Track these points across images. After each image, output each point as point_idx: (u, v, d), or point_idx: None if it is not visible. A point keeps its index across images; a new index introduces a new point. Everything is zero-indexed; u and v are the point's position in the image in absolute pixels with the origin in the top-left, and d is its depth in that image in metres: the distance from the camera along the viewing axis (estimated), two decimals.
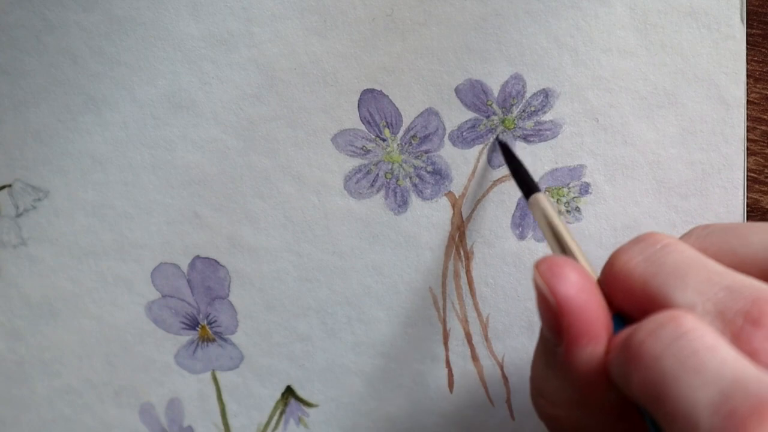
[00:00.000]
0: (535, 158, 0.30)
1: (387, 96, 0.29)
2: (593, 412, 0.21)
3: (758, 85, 0.30)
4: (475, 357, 0.31)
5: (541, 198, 0.26)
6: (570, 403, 0.22)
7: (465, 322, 0.31)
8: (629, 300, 0.21)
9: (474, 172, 0.30)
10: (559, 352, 0.21)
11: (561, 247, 0.24)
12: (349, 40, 0.29)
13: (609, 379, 0.20)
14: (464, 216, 0.30)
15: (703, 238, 0.23)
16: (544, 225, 0.25)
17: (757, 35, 0.29)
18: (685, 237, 0.23)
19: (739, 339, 0.19)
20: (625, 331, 0.20)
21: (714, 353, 0.18)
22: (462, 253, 0.30)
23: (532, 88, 0.29)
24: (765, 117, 0.30)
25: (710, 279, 0.20)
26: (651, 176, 0.30)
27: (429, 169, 0.30)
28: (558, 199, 0.30)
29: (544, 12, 0.29)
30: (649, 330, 0.19)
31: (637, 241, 0.22)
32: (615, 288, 0.21)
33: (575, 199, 0.30)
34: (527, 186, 0.27)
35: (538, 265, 0.21)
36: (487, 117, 0.29)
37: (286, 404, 0.32)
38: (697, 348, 0.18)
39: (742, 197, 0.30)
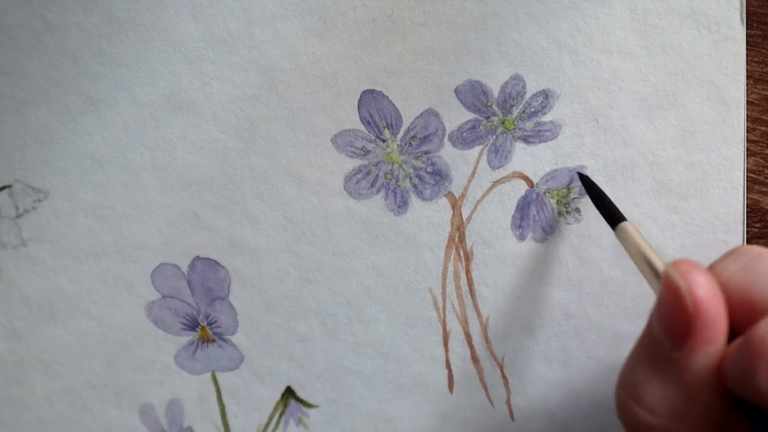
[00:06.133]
0: (535, 159, 0.30)
1: (387, 97, 0.29)
2: (695, 423, 0.21)
3: (758, 86, 0.30)
4: (475, 358, 0.31)
5: (629, 227, 0.26)
6: (673, 413, 0.22)
7: (465, 322, 0.31)
8: (728, 310, 0.21)
9: (474, 172, 0.30)
10: (675, 357, 0.21)
11: (654, 272, 0.24)
12: (349, 41, 0.29)
13: (722, 387, 0.21)
14: (464, 217, 0.30)
15: None
16: (635, 252, 0.25)
17: (757, 36, 0.29)
18: None
19: None
20: (741, 337, 0.20)
21: None
22: (462, 253, 0.30)
23: (532, 89, 0.29)
24: (765, 118, 0.30)
25: None
26: (651, 177, 0.30)
27: (429, 169, 0.30)
28: (558, 200, 0.30)
29: (544, 13, 0.29)
30: None
31: (730, 254, 0.23)
32: None
33: (575, 199, 0.30)
34: (612, 216, 0.27)
35: (679, 265, 0.21)
36: (487, 118, 0.29)
37: (285, 405, 0.32)
38: None
39: (742, 198, 0.30)
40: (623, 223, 0.26)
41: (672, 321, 0.21)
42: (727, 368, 0.20)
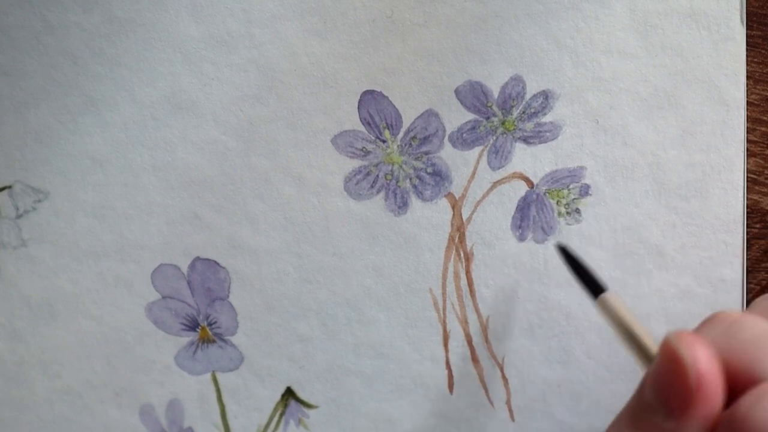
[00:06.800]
0: (535, 160, 0.30)
1: (387, 97, 0.29)
2: None
3: (758, 87, 0.30)
4: (475, 358, 0.31)
5: (611, 297, 0.25)
6: None
7: (465, 323, 0.31)
8: None
9: (474, 173, 0.30)
10: (667, 427, 0.21)
11: (638, 346, 0.23)
12: (349, 41, 0.29)
13: None
14: (464, 217, 0.30)
15: None
16: (616, 325, 0.24)
17: (757, 36, 0.29)
18: (749, 310, 0.24)
19: None
20: (728, 410, 0.20)
21: None
22: (462, 254, 0.30)
23: (532, 89, 0.29)
24: (765, 118, 0.30)
25: None
26: (651, 178, 0.30)
27: (429, 170, 0.30)
28: (558, 201, 0.30)
29: (544, 13, 0.29)
30: (752, 401, 0.19)
31: (707, 321, 0.22)
32: None
33: (575, 200, 0.30)
34: (593, 286, 0.26)
35: (682, 337, 0.21)
36: (487, 118, 0.30)
37: (286, 405, 0.32)
38: None
39: (742, 198, 0.30)
40: (605, 294, 0.25)
41: (671, 391, 0.21)
42: None
